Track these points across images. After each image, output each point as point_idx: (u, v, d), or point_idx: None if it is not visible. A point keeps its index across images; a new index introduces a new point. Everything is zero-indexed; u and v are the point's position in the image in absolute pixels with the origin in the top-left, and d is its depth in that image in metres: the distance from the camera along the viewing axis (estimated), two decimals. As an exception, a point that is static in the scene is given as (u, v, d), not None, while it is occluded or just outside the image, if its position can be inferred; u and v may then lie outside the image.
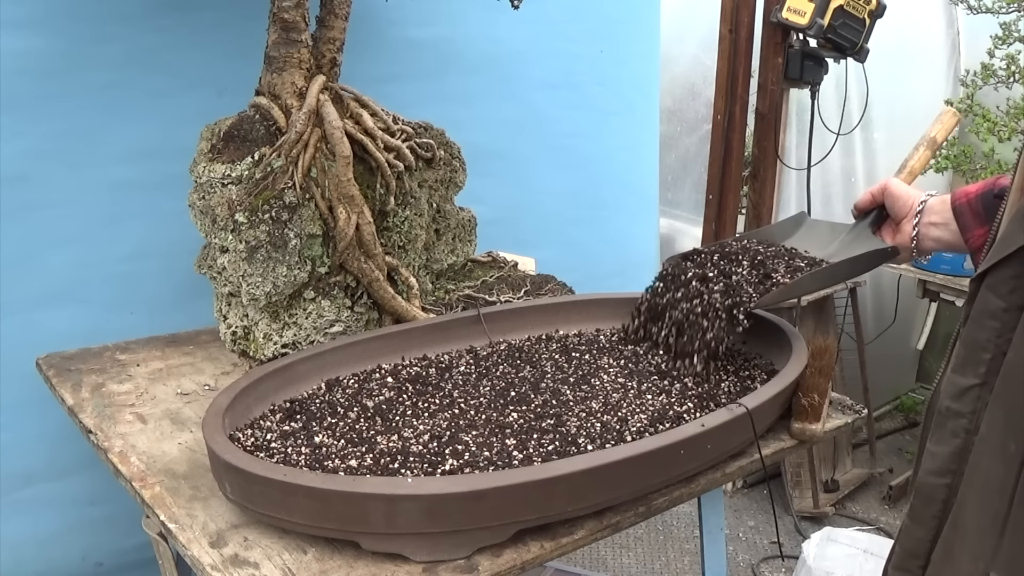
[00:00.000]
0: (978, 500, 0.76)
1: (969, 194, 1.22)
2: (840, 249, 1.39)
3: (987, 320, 0.77)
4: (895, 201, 1.31)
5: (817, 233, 1.49)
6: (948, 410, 0.80)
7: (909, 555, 0.83)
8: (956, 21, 3.44)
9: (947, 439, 0.79)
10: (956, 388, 0.79)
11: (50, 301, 1.60)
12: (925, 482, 0.81)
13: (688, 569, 2.78)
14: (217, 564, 0.99)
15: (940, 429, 0.80)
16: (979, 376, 0.77)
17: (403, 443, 1.12)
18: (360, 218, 1.43)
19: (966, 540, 0.77)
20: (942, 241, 1.26)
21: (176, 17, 1.62)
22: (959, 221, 1.22)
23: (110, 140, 1.61)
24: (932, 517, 0.80)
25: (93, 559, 1.70)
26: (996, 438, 0.75)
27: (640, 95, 2.44)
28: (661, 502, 1.13)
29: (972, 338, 0.78)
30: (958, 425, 0.78)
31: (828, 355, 1.28)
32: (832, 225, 1.50)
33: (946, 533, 0.79)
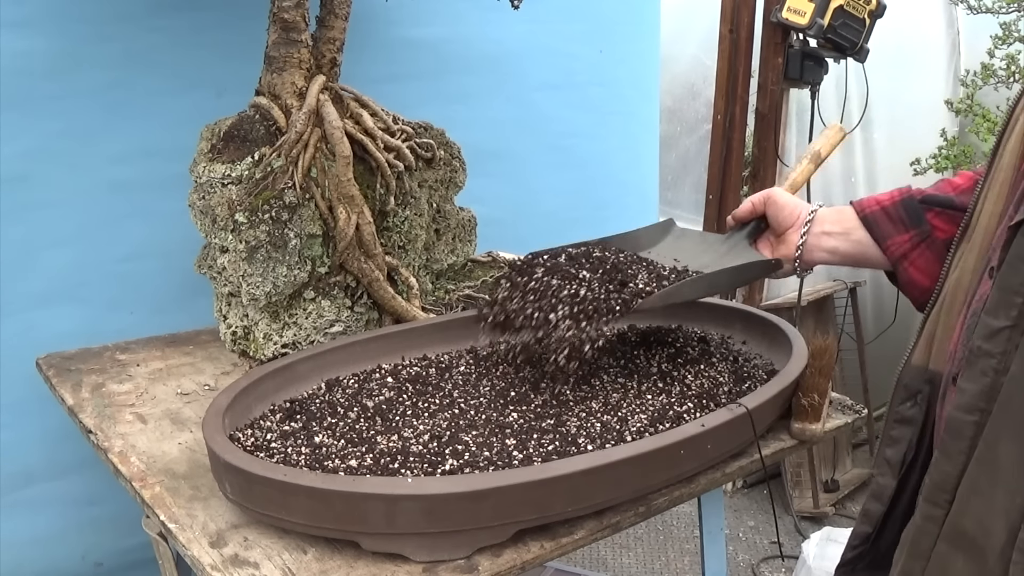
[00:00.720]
0: (1011, 438, 0.79)
1: (882, 203, 1.20)
2: (715, 260, 1.32)
3: (1022, 265, 0.80)
4: (779, 211, 1.27)
5: (687, 243, 1.42)
6: (979, 349, 0.82)
7: (938, 488, 0.86)
8: (956, 21, 3.44)
9: (977, 377, 0.82)
10: (988, 329, 0.82)
11: (50, 301, 1.60)
12: (955, 417, 0.84)
13: (688, 569, 2.78)
14: (217, 564, 0.99)
15: (971, 368, 0.83)
16: (1011, 319, 0.80)
17: (403, 443, 1.12)
18: (360, 218, 1.43)
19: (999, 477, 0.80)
20: (837, 252, 1.22)
21: (176, 17, 1.62)
22: (874, 230, 1.19)
23: (110, 140, 1.61)
24: (960, 452, 0.83)
25: (93, 559, 1.70)
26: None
27: (640, 95, 2.44)
28: (661, 502, 1.13)
29: (1006, 282, 0.81)
30: (988, 365, 0.81)
31: (828, 355, 1.28)
32: (703, 235, 1.44)
33: (972, 468, 0.82)
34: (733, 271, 1.27)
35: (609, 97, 2.30)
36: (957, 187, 1.16)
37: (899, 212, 1.17)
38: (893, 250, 1.16)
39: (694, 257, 1.35)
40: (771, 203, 1.28)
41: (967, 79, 3.20)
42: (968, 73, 3.22)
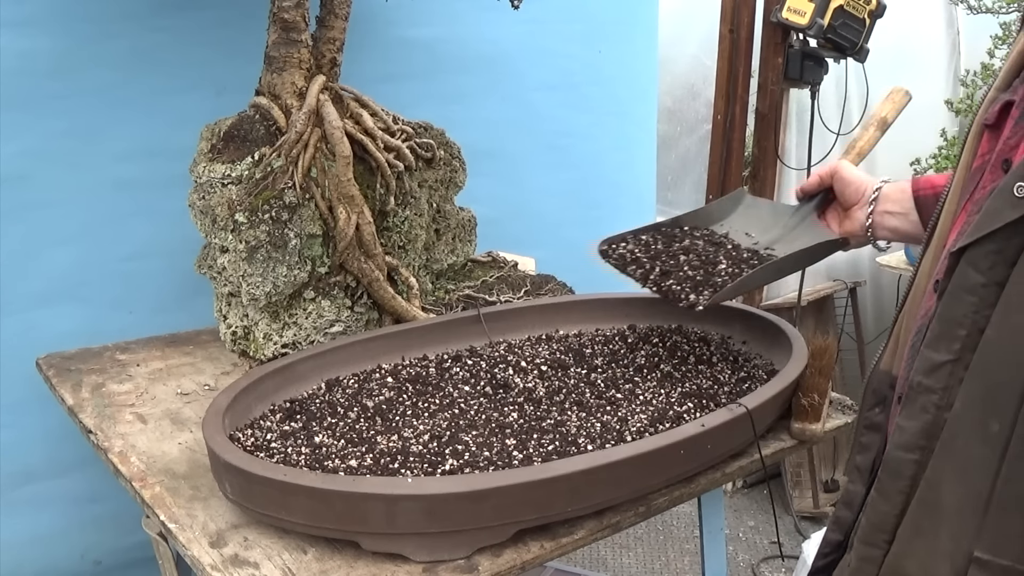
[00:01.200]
0: (956, 479, 0.75)
1: (936, 187, 1.17)
2: (784, 234, 1.34)
3: (965, 295, 0.75)
4: (846, 186, 1.27)
5: (757, 213, 1.43)
6: (920, 385, 0.78)
7: (875, 528, 0.82)
8: (956, 21, 3.44)
9: (917, 414, 0.78)
10: (929, 363, 0.78)
11: (51, 300, 1.60)
12: (893, 456, 0.80)
13: (688, 569, 2.78)
14: (217, 564, 0.99)
15: (911, 404, 0.79)
16: (953, 352, 0.76)
17: (403, 443, 1.12)
18: (360, 218, 1.43)
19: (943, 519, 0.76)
20: (899, 231, 1.22)
21: (177, 17, 1.62)
22: (923, 214, 1.17)
23: (110, 139, 1.61)
24: (899, 492, 0.79)
25: (92, 557, 1.71)
26: (974, 416, 0.74)
27: (637, 96, 2.44)
28: (661, 502, 1.13)
29: (948, 312, 0.77)
30: (929, 401, 0.77)
31: (828, 355, 1.28)
32: (773, 206, 1.45)
33: (914, 509, 0.78)
34: (801, 254, 1.28)
35: (606, 97, 2.30)
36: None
37: None
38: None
39: (764, 231, 1.38)
40: (838, 178, 1.28)
41: (967, 79, 3.20)
42: (968, 73, 3.22)
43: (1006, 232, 0.73)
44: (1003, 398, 0.72)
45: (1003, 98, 0.84)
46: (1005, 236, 0.73)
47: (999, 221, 0.73)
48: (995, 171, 0.80)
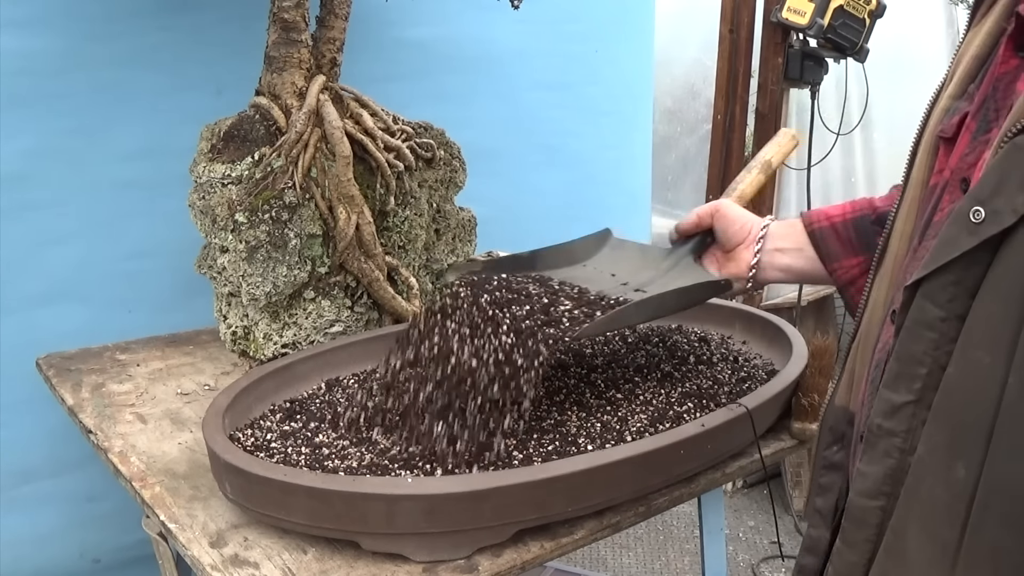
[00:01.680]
0: (922, 528, 0.70)
1: (832, 218, 1.09)
2: (657, 277, 1.21)
3: (924, 331, 0.69)
4: (730, 224, 1.17)
5: (625, 255, 1.30)
6: (880, 428, 0.73)
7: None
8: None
9: (879, 459, 0.72)
10: (889, 405, 0.72)
11: (50, 300, 1.60)
12: (856, 504, 0.75)
13: (688, 569, 2.78)
14: (217, 564, 0.99)
15: (871, 449, 0.73)
16: (914, 392, 0.70)
17: (403, 443, 1.12)
18: (360, 218, 1.43)
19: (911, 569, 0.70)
20: (791, 270, 1.14)
21: (177, 16, 1.62)
22: (820, 248, 1.09)
23: (110, 139, 1.61)
24: (865, 541, 0.74)
25: (91, 555, 1.71)
26: (938, 461, 0.68)
27: (633, 95, 2.45)
28: (661, 502, 1.13)
29: (906, 351, 0.71)
30: (891, 444, 0.72)
31: (828, 355, 1.28)
32: (643, 248, 1.32)
33: (881, 559, 0.73)
34: (679, 293, 1.15)
35: (603, 97, 2.31)
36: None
37: (849, 232, 1.08)
38: (840, 274, 1.08)
39: (633, 272, 1.25)
40: (720, 216, 1.19)
41: (967, 79, 3.20)
42: (968, 73, 3.22)
43: (964, 262, 0.66)
44: (968, 441, 0.66)
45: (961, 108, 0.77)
46: (963, 266, 0.67)
47: (956, 250, 0.66)
48: (954, 191, 0.74)
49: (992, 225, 0.64)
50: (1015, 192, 0.63)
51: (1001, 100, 0.71)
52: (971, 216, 0.65)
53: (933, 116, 0.82)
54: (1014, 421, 0.63)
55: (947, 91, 0.81)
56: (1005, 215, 0.63)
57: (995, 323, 0.65)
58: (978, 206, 0.65)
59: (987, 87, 0.73)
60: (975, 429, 0.65)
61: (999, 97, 0.71)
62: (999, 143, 0.65)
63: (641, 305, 1.12)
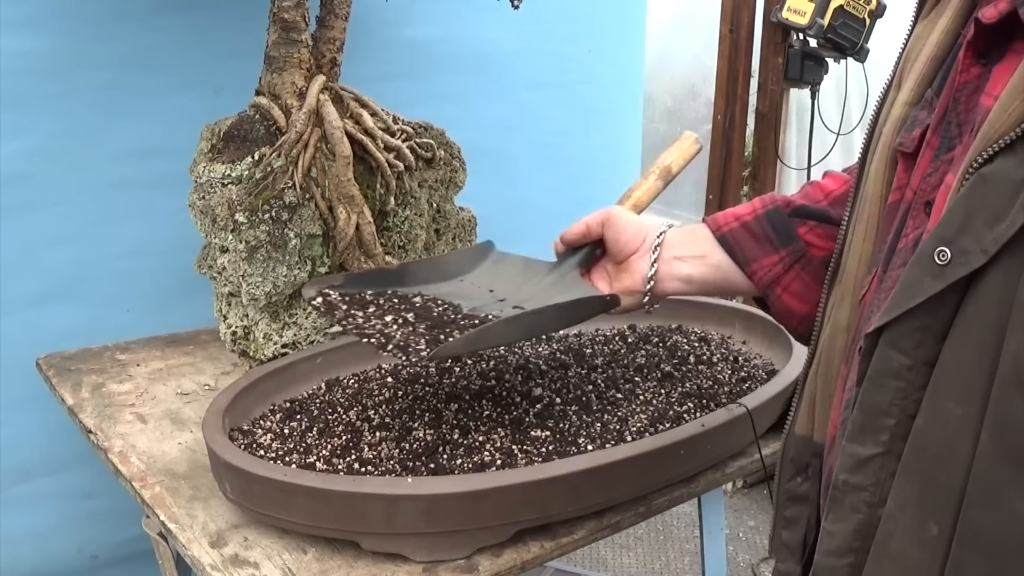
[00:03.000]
0: None
1: (742, 217, 1.01)
2: (537, 293, 1.12)
3: (889, 380, 0.64)
4: (622, 233, 1.06)
5: (505, 270, 1.22)
6: (846, 484, 0.67)
7: None
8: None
9: (847, 515, 0.67)
10: (854, 459, 0.67)
11: (48, 299, 1.60)
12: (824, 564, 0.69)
13: (688, 569, 2.78)
14: (217, 564, 0.99)
15: (837, 506, 0.68)
16: (881, 444, 0.65)
17: (403, 443, 1.12)
18: (360, 218, 1.43)
19: None
20: (693, 279, 1.03)
21: (174, 17, 1.63)
22: (734, 252, 1.01)
23: (109, 139, 1.61)
24: None
25: (88, 552, 1.72)
26: (909, 518, 0.63)
27: (625, 94, 2.47)
28: (661, 502, 1.13)
29: (871, 402, 0.66)
30: (859, 499, 0.67)
31: (828, 355, 1.28)
32: (526, 262, 1.22)
33: None
34: (557, 309, 1.04)
35: (596, 96, 2.33)
36: (829, 193, 1.00)
37: (764, 228, 1.00)
38: (761, 275, 1.00)
39: (513, 288, 1.16)
40: (610, 224, 1.08)
41: (967, 79, 3.20)
42: (968, 73, 3.22)
43: (930, 306, 0.61)
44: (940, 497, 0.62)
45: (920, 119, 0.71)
46: (929, 310, 0.61)
47: (920, 295, 0.61)
48: (918, 215, 0.68)
49: (960, 267, 0.59)
50: (983, 230, 0.58)
51: (964, 114, 0.66)
52: (936, 257, 0.60)
53: (886, 124, 0.75)
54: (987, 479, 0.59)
55: (901, 96, 0.74)
56: (973, 255, 0.58)
57: (966, 372, 0.60)
58: (943, 246, 0.60)
59: (947, 97, 0.67)
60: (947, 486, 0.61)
61: (961, 110, 0.66)
62: (963, 174, 0.60)
63: (512, 322, 1.03)
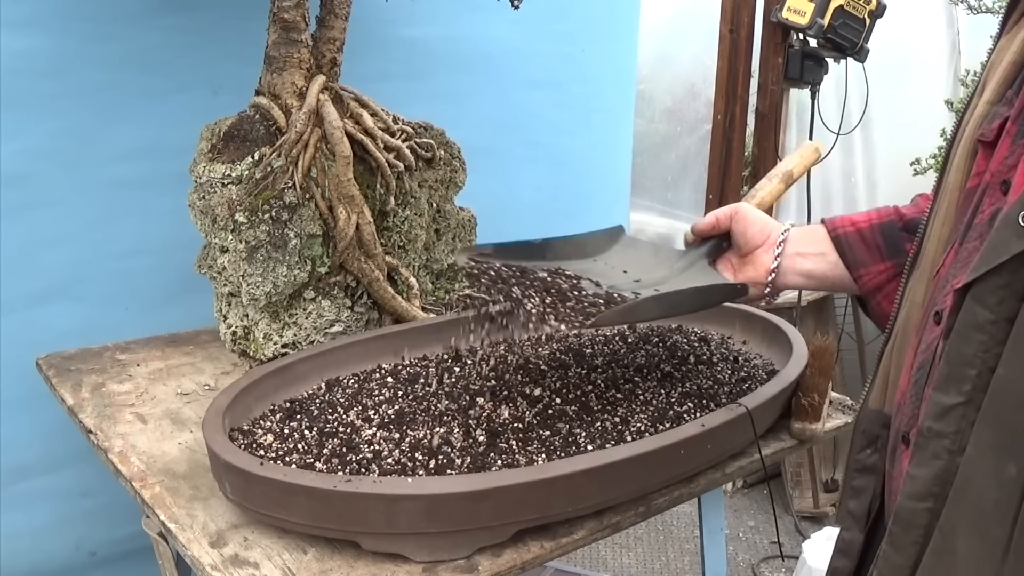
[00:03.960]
0: (971, 527, 0.71)
1: (858, 224, 1.09)
2: (670, 276, 1.19)
3: (973, 333, 0.71)
4: (749, 227, 1.16)
5: (638, 254, 1.29)
6: (930, 431, 0.74)
7: None
8: (956, 21, 3.44)
9: (928, 461, 0.74)
10: (938, 407, 0.73)
11: (47, 298, 1.61)
12: (905, 507, 0.76)
13: (688, 569, 2.78)
14: (217, 564, 0.99)
15: (921, 451, 0.75)
16: (964, 394, 0.72)
17: (402, 443, 1.12)
18: (360, 218, 1.43)
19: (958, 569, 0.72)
20: (812, 275, 1.12)
21: (173, 17, 1.63)
22: (846, 254, 1.09)
23: (107, 139, 1.61)
24: (913, 543, 0.75)
25: (86, 549, 1.72)
26: (987, 461, 0.70)
27: (618, 92, 2.48)
28: (661, 502, 1.13)
29: (956, 353, 0.72)
30: (940, 447, 0.73)
31: (828, 355, 1.28)
32: (656, 247, 1.31)
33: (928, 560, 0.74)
34: (696, 292, 1.12)
35: (590, 95, 2.34)
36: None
37: (876, 238, 1.08)
38: (866, 280, 1.07)
39: (646, 271, 1.23)
40: (739, 219, 1.17)
41: (967, 79, 3.20)
42: (968, 73, 3.22)
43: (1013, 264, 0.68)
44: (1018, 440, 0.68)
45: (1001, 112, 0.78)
46: (1012, 268, 0.68)
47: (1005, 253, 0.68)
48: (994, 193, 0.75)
49: None
50: None
51: None
52: (1020, 220, 0.67)
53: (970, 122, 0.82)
54: None
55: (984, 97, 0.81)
56: None
57: None
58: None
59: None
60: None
61: None
62: None
63: (659, 299, 1.11)
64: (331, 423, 1.18)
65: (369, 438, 1.13)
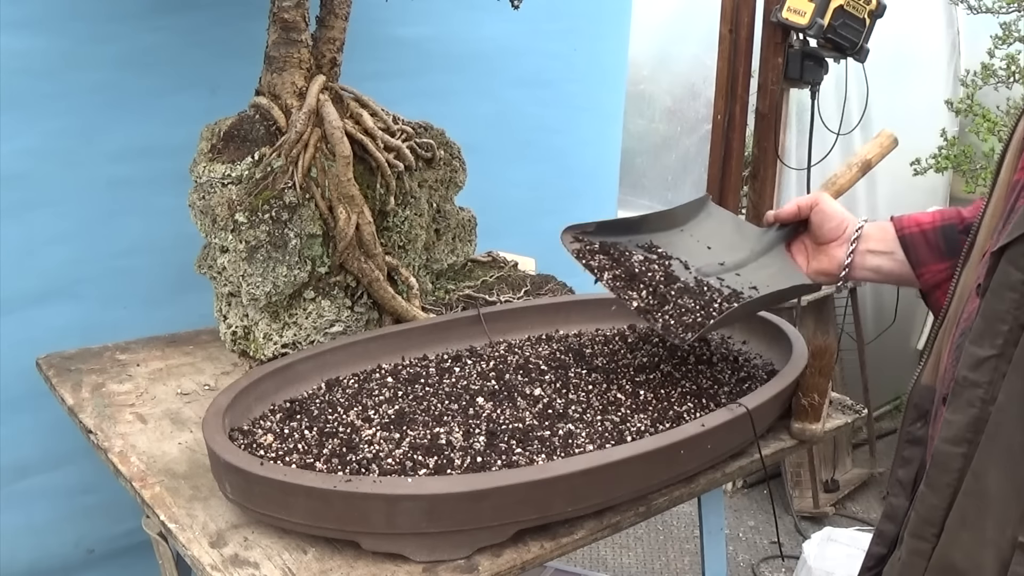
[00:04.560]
0: (1001, 469, 0.78)
1: (922, 224, 1.16)
2: (749, 259, 1.30)
3: (1007, 292, 0.78)
4: (827, 220, 1.22)
5: (720, 228, 1.38)
6: (965, 380, 0.81)
7: (924, 522, 0.85)
8: (956, 21, 3.44)
9: (963, 408, 0.81)
10: (973, 359, 0.81)
11: (46, 297, 1.61)
12: (941, 450, 0.83)
13: (688, 569, 2.78)
14: (217, 564, 0.99)
15: (956, 399, 0.82)
16: (996, 347, 0.79)
17: (403, 443, 1.12)
18: (360, 218, 1.43)
19: (989, 508, 0.79)
20: (881, 271, 1.19)
21: (171, 17, 1.63)
22: (909, 253, 1.15)
23: (106, 138, 1.62)
24: (947, 485, 0.82)
25: (85, 546, 1.73)
26: (1016, 408, 0.77)
27: (607, 91, 2.49)
28: (661, 502, 1.13)
29: (991, 310, 0.80)
30: (974, 395, 0.80)
31: (828, 355, 1.28)
32: (737, 223, 1.39)
33: (960, 501, 0.81)
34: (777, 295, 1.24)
35: (580, 93, 2.35)
36: None
37: (938, 239, 1.14)
38: (927, 278, 1.14)
39: (728, 249, 1.34)
40: (818, 211, 1.23)
41: (967, 79, 3.20)
42: (968, 73, 3.22)
43: None
44: None
45: None
46: None
47: None
48: None
49: None
50: None
51: None
52: None
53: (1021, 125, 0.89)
54: None
55: None
56: None
57: None
58: None
59: None
60: None
61: None
62: None
63: (747, 306, 1.24)
64: (331, 423, 1.18)
65: (369, 438, 1.13)
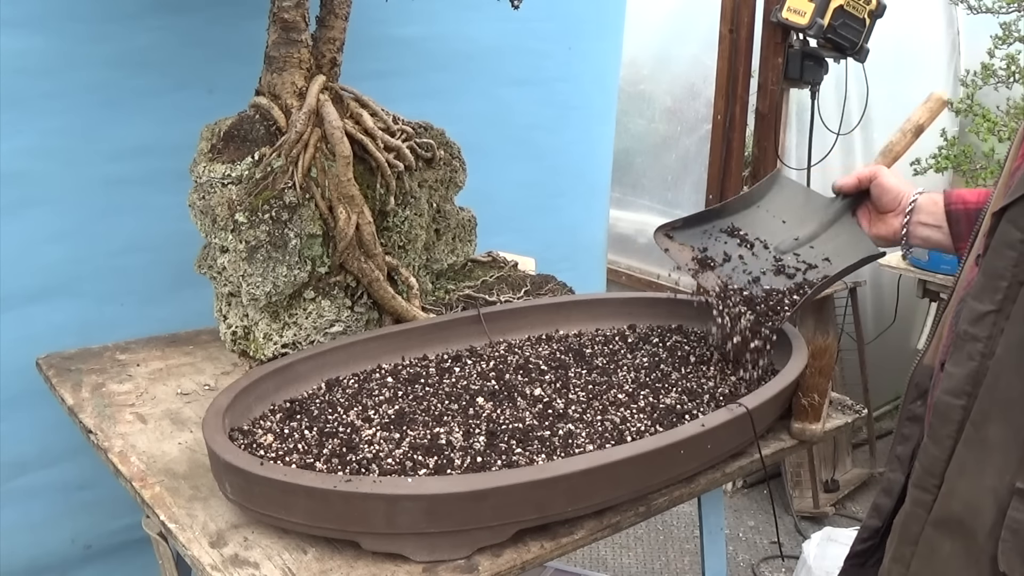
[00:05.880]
0: (1000, 418, 0.81)
1: (968, 203, 1.23)
2: (820, 231, 1.40)
3: (1006, 250, 0.82)
4: (885, 193, 1.32)
5: (792, 201, 1.48)
6: (966, 333, 0.85)
7: (926, 472, 0.88)
8: (956, 21, 3.44)
9: (963, 362, 0.84)
10: (974, 313, 0.84)
11: (44, 295, 1.61)
12: (942, 401, 0.86)
13: (688, 569, 2.78)
14: (217, 564, 0.99)
15: (957, 352, 0.85)
16: (996, 303, 0.82)
17: (403, 443, 1.12)
18: (360, 218, 1.43)
19: (988, 456, 0.82)
20: (930, 241, 1.28)
21: (169, 17, 1.64)
22: (953, 227, 1.23)
23: (105, 137, 1.62)
24: (948, 436, 0.85)
25: (83, 542, 1.74)
26: (1014, 359, 0.80)
27: (601, 90, 2.50)
28: (661, 502, 1.13)
29: (991, 267, 0.83)
30: (975, 349, 0.83)
31: (828, 355, 1.28)
32: (808, 193, 1.49)
33: (960, 451, 0.84)
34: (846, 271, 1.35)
35: (573, 92, 2.36)
36: None
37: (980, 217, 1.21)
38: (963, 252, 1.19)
39: (800, 222, 1.43)
40: (876, 185, 1.32)
41: (967, 79, 3.20)
42: (968, 73, 3.22)
43: None
44: None
45: None
46: None
47: None
48: None
49: None
50: None
51: None
52: None
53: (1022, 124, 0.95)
54: None
55: None
56: None
57: None
58: None
59: None
60: None
61: None
62: None
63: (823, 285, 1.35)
64: (331, 423, 1.18)
65: (369, 438, 1.13)
